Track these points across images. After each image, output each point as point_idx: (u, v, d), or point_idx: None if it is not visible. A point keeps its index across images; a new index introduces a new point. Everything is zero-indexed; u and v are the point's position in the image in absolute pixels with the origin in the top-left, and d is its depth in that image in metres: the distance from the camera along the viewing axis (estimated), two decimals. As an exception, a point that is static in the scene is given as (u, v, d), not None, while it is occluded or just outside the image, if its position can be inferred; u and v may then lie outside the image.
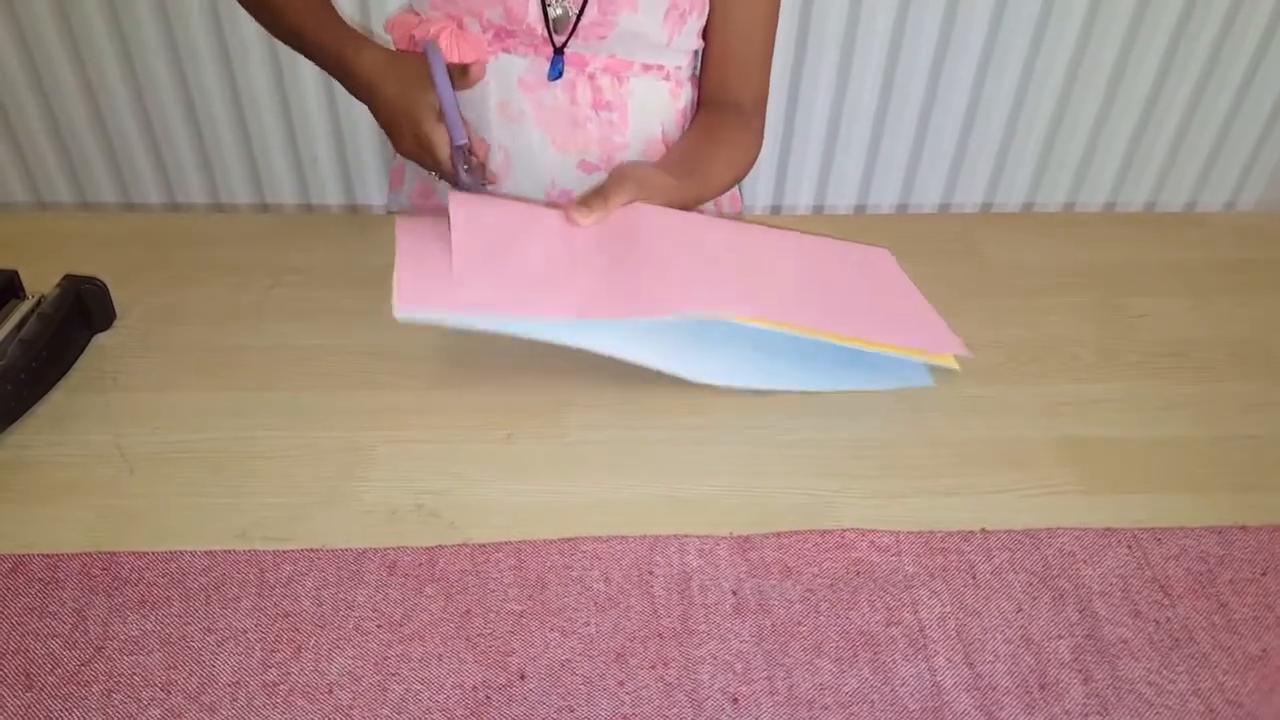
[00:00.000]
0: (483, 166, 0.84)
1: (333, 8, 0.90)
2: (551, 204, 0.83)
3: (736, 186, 1.00)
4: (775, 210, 1.64)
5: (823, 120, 1.56)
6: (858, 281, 0.80)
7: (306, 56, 0.90)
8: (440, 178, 0.85)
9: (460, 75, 0.83)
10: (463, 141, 0.78)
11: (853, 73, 1.51)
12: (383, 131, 0.87)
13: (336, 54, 0.86)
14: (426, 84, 0.81)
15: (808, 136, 1.57)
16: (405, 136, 0.82)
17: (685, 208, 0.81)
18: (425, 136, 0.80)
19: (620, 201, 0.75)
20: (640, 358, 0.70)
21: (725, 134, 0.92)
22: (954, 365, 0.74)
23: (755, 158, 0.94)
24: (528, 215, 0.75)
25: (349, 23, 0.89)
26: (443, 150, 0.81)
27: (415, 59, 0.84)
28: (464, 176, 0.81)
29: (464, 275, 0.68)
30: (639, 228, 0.74)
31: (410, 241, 0.71)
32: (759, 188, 1.62)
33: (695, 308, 0.68)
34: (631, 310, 0.67)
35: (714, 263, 0.74)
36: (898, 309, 0.78)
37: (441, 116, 0.81)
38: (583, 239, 0.73)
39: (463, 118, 0.81)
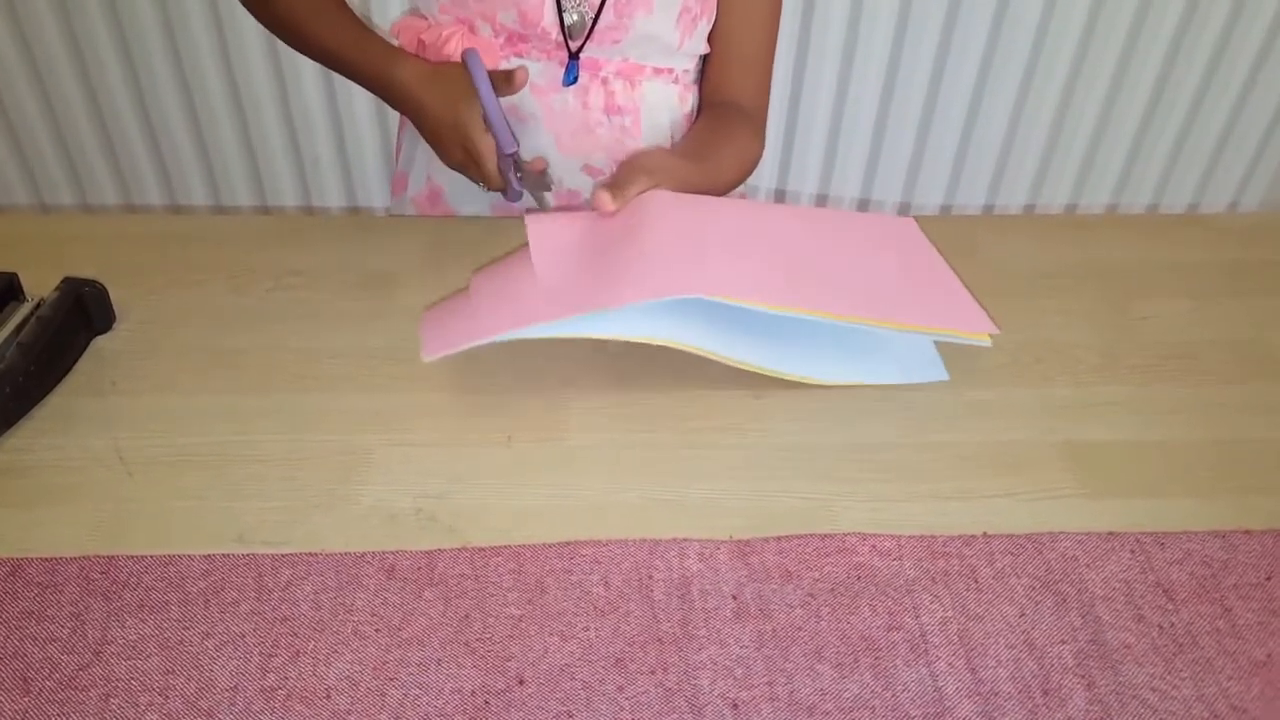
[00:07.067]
0: (542, 174, 0.82)
1: (362, 23, 0.88)
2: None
3: (740, 188, 1.00)
4: (777, 212, 1.64)
5: (824, 123, 1.55)
6: (884, 256, 0.79)
7: (342, 75, 0.89)
8: (489, 189, 0.83)
9: (504, 82, 0.79)
10: (512, 150, 0.75)
11: (854, 75, 1.50)
12: (392, 136, 0.87)
13: (374, 71, 0.85)
14: (470, 94, 0.79)
15: (809, 140, 1.57)
16: (453, 149, 0.80)
17: (696, 192, 0.80)
18: (474, 147, 0.78)
19: (635, 192, 0.75)
20: (661, 335, 0.70)
21: (731, 131, 0.91)
22: (986, 342, 0.73)
23: (758, 159, 0.94)
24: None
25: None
26: (490, 162, 0.78)
27: (456, 69, 0.82)
28: (515, 185, 0.78)
29: (479, 304, 0.70)
30: (656, 216, 0.74)
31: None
32: (761, 191, 1.62)
33: (719, 293, 0.67)
34: (652, 292, 0.67)
35: (737, 245, 0.74)
36: (926, 286, 0.77)
37: (489, 126, 0.78)
38: (601, 235, 0.73)
39: (509, 124, 0.79)
